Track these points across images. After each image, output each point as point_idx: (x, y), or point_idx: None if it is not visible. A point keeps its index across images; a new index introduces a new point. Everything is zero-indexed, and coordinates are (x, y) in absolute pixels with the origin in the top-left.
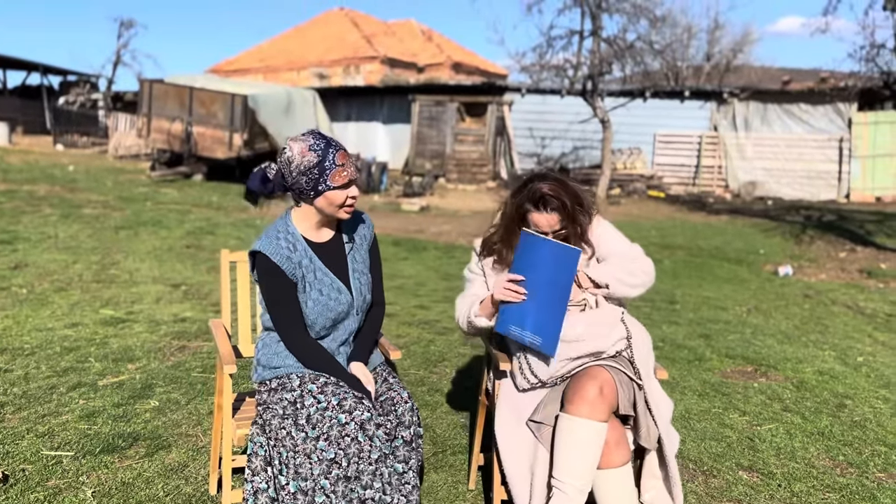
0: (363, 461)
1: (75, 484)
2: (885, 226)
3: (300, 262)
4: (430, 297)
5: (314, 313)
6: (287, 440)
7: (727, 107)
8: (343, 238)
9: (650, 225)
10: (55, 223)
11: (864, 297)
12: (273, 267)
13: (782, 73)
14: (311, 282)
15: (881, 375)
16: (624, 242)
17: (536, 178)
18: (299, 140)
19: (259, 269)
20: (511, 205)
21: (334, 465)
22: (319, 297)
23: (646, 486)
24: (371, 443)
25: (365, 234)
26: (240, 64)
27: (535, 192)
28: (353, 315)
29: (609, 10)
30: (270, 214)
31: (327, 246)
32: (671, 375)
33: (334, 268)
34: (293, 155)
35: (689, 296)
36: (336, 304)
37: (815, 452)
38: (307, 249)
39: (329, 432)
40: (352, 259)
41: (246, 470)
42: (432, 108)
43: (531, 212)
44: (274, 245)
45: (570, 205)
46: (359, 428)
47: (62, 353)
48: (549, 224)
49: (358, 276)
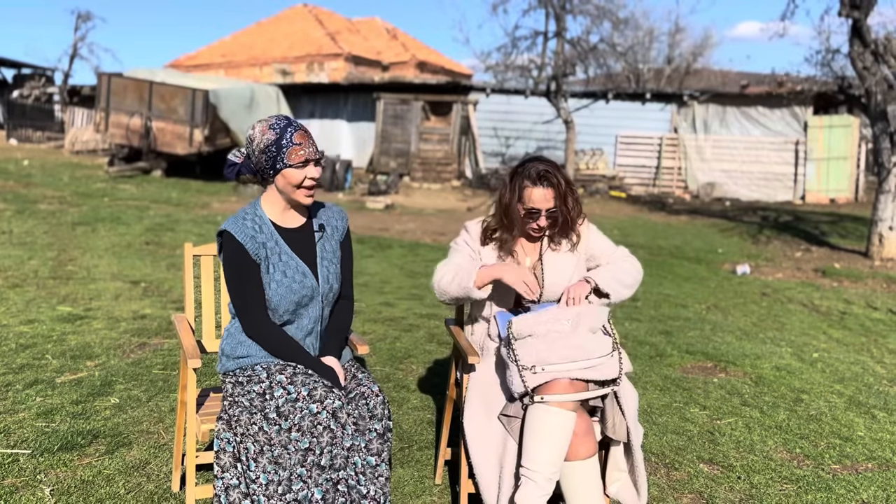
0: (336, 447)
1: (32, 482)
2: (838, 227)
3: (264, 243)
4: (395, 294)
5: (277, 295)
6: (260, 435)
7: (687, 109)
8: (313, 226)
9: (612, 224)
10: (9, 219)
11: (819, 296)
12: (237, 246)
13: (741, 76)
14: (276, 263)
15: (836, 371)
16: (610, 243)
17: (533, 159)
18: (263, 121)
19: (224, 248)
20: (508, 184)
21: (309, 453)
22: (283, 278)
23: (611, 478)
24: (344, 430)
25: (337, 225)
26: (201, 59)
27: (532, 168)
28: (317, 301)
29: (573, 11)
30: (230, 211)
31: (296, 231)
32: (633, 371)
33: (301, 253)
34: (255, 133)
35: (650, 293)
36: (300, 287)
37: (773, 445)
38: (273, 232)
39: (301, 423)
40: (321, 247)
41: (215, 467)
42: (397, 107)
43: (528, 187)
44: (240, 225)
45: (563, 185)
46: (331, 416)
47: (17, 349)
48: (545, 199)
49: (326, 265)
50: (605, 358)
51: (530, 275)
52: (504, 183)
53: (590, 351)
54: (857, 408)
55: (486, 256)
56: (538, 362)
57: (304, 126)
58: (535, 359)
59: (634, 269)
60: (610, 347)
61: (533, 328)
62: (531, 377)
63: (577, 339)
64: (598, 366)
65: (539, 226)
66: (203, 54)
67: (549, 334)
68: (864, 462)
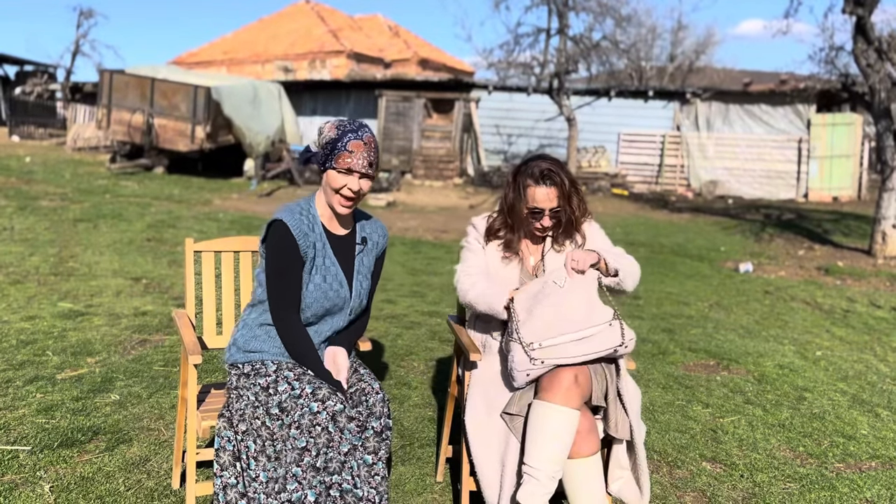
0: (332, 450)
1: (32, 479)
2: (841, 225)
3: (314, 243)
4: (396, 291)
5: (311, 297)
6: (263, 430)
7: (690, 107)
8: (356, 238)
9: (614, 222)
10: (10, 215)
11: (822, 294)
12: (290, 238)
13: (743, 74)
14: (319, 265)
15: (839, 369)
16: (609, 243)
17: (537, 157)
18: (337, 119)
19: (273, 237)
20: (511, 183)
21: (305, 452)
22: (322, 282)
23: (613, 476)
24: (342, 435)
25: (378, 241)
26: (203, 56)
27: (535, 167)
28: (345, 312)
29: (576, 8)
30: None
31: (341, 239)
32: (635, 368)
33: (342, 262)
34: (323, 128)
35: (652, 291)
36: (335, 296)
37: (777, 443)
38: (322, 234)
39: (300, 420)
40: (359, 261)
41: (214, 465)
42: (399, 104)
43: (530, 186)
44: (296, 218)
45: (567, 185)
46: (330, 419)
47: (18, 346)
48: (548, 199)
49: (361, 280)
50: (604, 326)
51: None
52: (507, 182)
53: (588, 320)
54: (861, 406)
55: (490, 254)
56: (536, 339)
57: (370, 139)
58: (534, 335)
59: (636, 267)
60: (610, 316)
61: (530, 289)
62: (535, 356)
63: (573, 303)
64: (597, 335)
65: (542, 226)
66: (205, 51)
67: (546, 287)
68: (867, 461)
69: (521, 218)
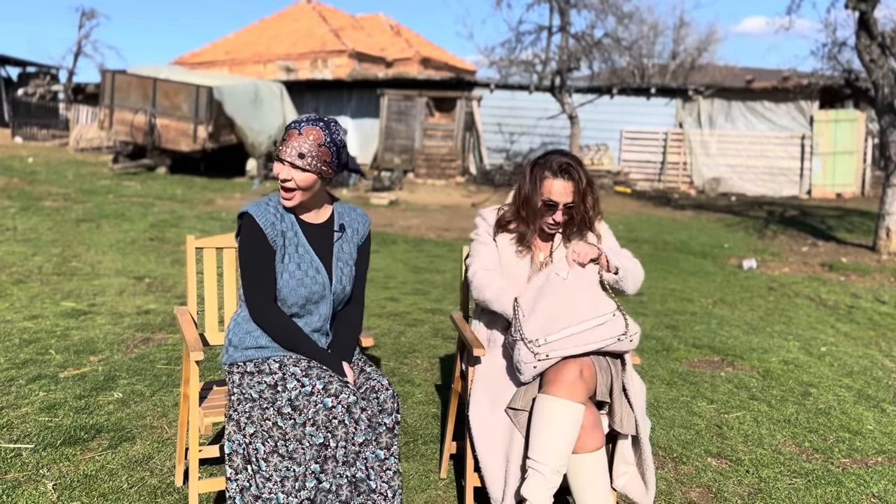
0: (349, 443)
1: (35, 477)
2: (845, 221)
3: (284, 232)
4: (399, 289)
5: (287, 287)
6: (274, 430)
7: (692, 104)
8: (334, 226)
9: (617, 220)
10: (14, 215)
11: (826, 290)
12: (257, 229)
13: (746, 72)
14: (291, 254)
15: (844, 364)
16: (617, 244)
17: (556, 151)
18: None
19: (243, 231)
20: (528, 175)
21: (324, 448)
22: (296, 270)
23: (618, 471)
24: (357, 426)
25: (358, 228)
26: (205, 56)
27: (554, 160)
28: (327, 299)
29: (577, 5)
30: (235, 208)
31: (317, 228)
32: (640, 364)
33: (318, 250)
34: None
35: (656, 288)
36: (311, 283)
37: (782, 439)
38: (294, 224)
39: (315, 417)
40: (338, 247)
41: (227, 468)
42: (401, 103)
43: (548, 178)
44: (262, 209)
45: (584, 182)
46: (346, 411)
47: (21, 345)
48: (564, 193)
49: (341, 266)
50: (608, 316)
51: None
52: (524, 174)
53: (594, 310)
54: (867, 401)
55: (502, 247)
56: (541, 335)
57: (311, 131)
58: (539, 331)
59: (639, 269)
60: (614, 307)
61: (534, 284)
62: (539, 351)
63: (578, 294)
64: (602, 325)
65: (555, 220)
66: (207, 51)
67: (550, 279)
68: (873, 456)
69: (534, 210)
